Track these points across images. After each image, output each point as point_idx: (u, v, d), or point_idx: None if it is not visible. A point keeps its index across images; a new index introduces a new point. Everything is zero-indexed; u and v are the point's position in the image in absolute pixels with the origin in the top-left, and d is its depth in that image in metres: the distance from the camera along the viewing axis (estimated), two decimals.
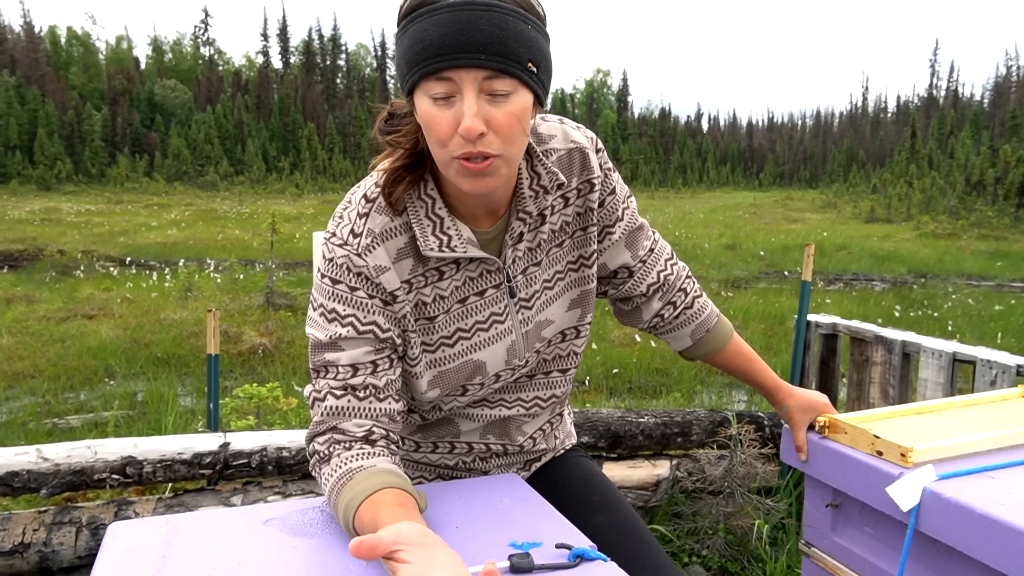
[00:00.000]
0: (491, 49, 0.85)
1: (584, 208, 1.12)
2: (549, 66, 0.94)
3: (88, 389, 5.73)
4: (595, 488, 1.25)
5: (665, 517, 2.74)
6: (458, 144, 0.89)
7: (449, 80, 0.86)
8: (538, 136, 1.08)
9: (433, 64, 0.86)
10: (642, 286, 1.22)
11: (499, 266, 1.06)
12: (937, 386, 2.45)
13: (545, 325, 1.13)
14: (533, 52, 0.89)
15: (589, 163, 1.10)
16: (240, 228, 19.87)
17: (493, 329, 1.09)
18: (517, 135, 0.91)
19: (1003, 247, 18.04)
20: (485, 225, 1.05)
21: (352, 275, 0.99)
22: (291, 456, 2.43)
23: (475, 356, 1.08)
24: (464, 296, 1.06)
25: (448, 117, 0.88)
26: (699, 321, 1.26)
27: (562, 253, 1.13)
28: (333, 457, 0.98)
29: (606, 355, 6.69)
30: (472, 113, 0.86)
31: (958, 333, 7.61)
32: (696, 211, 31.03)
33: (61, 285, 10.57)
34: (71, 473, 2.25)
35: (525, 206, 1.04)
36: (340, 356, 1.00)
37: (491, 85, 0.87)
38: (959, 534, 0.99)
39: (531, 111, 0.93)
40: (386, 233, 1.00)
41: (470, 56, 0.85)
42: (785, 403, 1.28)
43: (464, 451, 1.20)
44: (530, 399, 1.19)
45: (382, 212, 1.00)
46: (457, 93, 0.87)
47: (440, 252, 1.00)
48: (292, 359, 6.52)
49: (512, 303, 1.09)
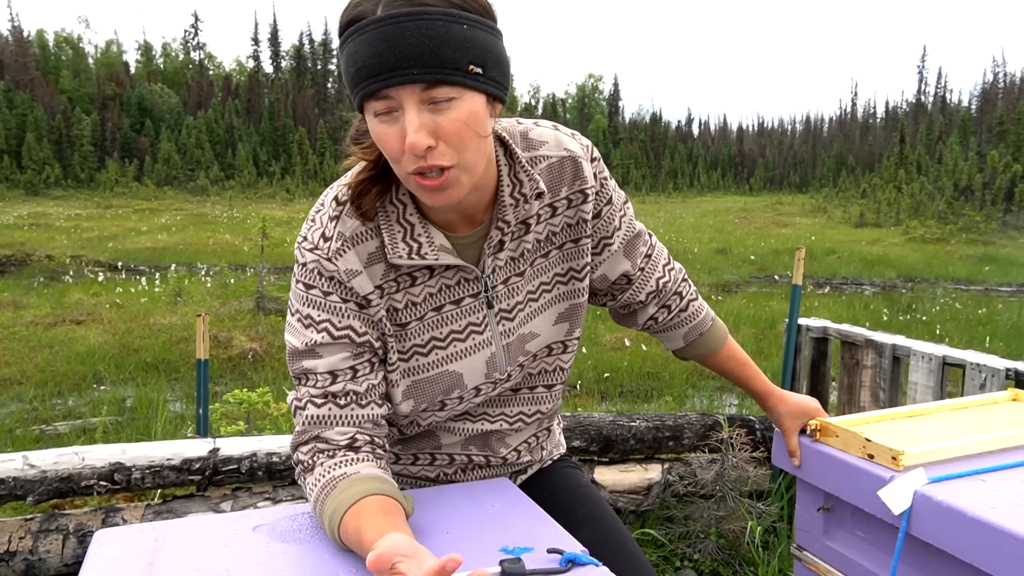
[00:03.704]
0: (422, 61, 0.82)
1: (576, 219, 1.08)
2: (499, 61, 0.89)
3: (76, 395, 5.68)
4: (582, 501, 1.22)
5: (657, 521, 2.74)
6: (409, 160, 0.87)
7: (388, 98, 0.84)
8: (528, 142, 1.04)
9: (368, 86, 0.84)
10: (640, 295, 1.21)
11: (477, 275, 1.03)
12: (927, 389, 2.45)
13: (530, 338, 1.10)
14: (472, 53, 0.85)
15: (582, 172, 1.06)
16: (231, 233, 19.78)
17: (471, 340, 1.05)
18: (469, 141, 0.88)
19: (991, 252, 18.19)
20: (462, 230, 1.02)
21: (324, 279, 0.98)
22: (281, 462, 2.41)
23: (451, 367, 1.05)
24: (439, 304, 1.03)
25: (395, 133, 0.86)
26: (693, 324, 1.25)
27: (548, 264, 1.09)
28: (317, 466, 0.96)
29: (597, 359, 6.69)
30: (414, 128, 0.84)
31: (947, 337, 7.65)
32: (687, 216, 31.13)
33: (49, 290, 10.50)
34: (58, 480, 2.23)
35: (504, 215, 1.00)
36: (318, 363, 0.99)
37: (431, 95, 0.84)
38: (950, 537, 0.99)
39: (486, 111, 0.90)
40: (357, 237, 0.98)
41: (402, 73, 0.82)
42: (776, 408, 1.28)
43: (445, 463, 1.17)
44: (514, 414, 1.16)
45: (352, 216, 0.98)
46: (399, 108, 0.85)
47: (409, 259, 0.98)
48: (282, 364, 6.49)
49: (492, 313, 1.05)
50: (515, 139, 1.04)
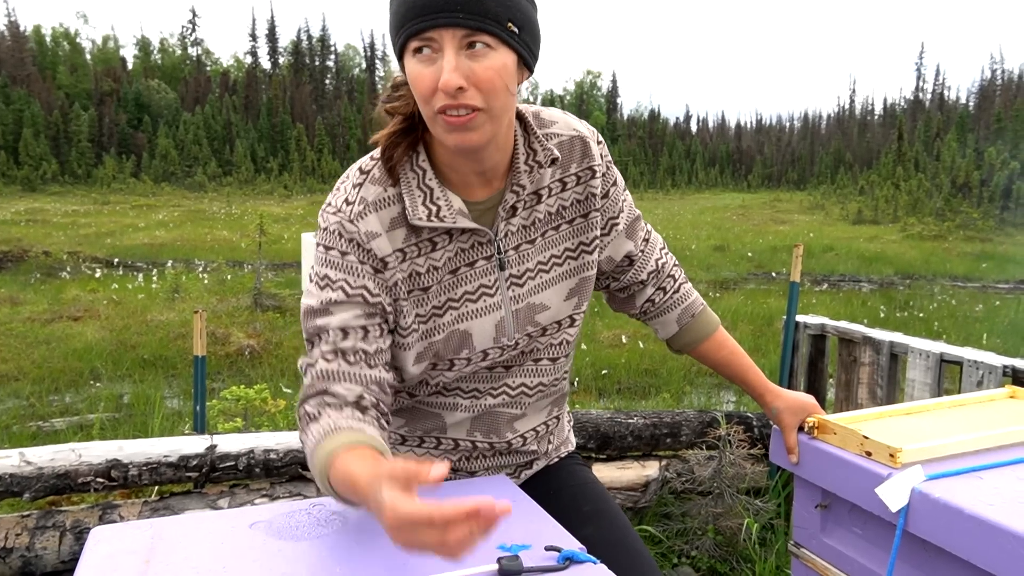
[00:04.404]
0: (469, 8, 0.89)
1: (585, 195, 1.13)
2: (534, 31, 0.98)
3: (73, 391, 5.68)
4: (587, 498, 1.23)
5: (654, 518, 2.74)
6: (440, 98, 0.92)
7: (431, 39, 0.91)
8: (540, 120, 1.11)
9: (415, 25, 0.90)
10: (642, 274, 1.25)
11: (490, 238, 1.07)
12: (924, 386, 2.46)
13: (540, 309, 1.13)
14: (513, 12, 0.92)
15: (590, 151, 1.13)
16: (228, 229, 19.76)
17: (482, 301, 1.09)
18: (499, 90, 0.94)
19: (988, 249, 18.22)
20: (479, 195, 1.07)
21: (344, 241, 1.02)
22: (278, 458, 2.41)
23: (462, 326, 1.08)
24: (455, 267, 1.07)
25: (431, 73, 0.92)
26: (685, 305, 1.29)
27: (559, 238, 1.13)
28: (323, 416, 0.96)
29: (595, 356, 6.70)
30: (451, 67, 0.90)
31: (944, 334, 7.67)
32: (685, 212, 31.15)
33: (46, 287, 10.49)
34: (55, 476, 2.22)
35: (519, 179, 1.06)
36: (331, 320, 1.01)
37: (470, 41, 0.91)
38: (947, 534, 0.99)
39: (516, 72, 0.96)
40: (379, 202, 1.03)
41: (448, 15, 0.89)
42: (774, 405, 1.28)
43: (450, 447, 1.18)
44: (516, 385, 1.17)
45: (376, 183, 1.03)
46: (439, 51, 0.91)
47: (428, 222, 1.02)
48: (280, 360, 6.49)
49: (503, 277, 1.09)
50: (529, 116, 1.10)
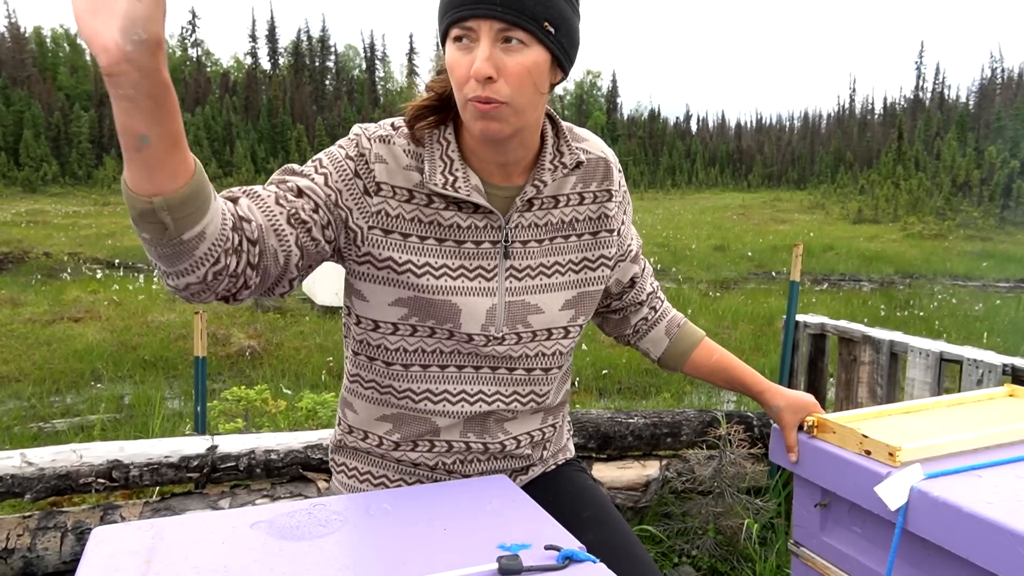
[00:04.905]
0: (508, 3, 0.94)
1: (598, 214, 1.17)
2: (571, 34, 1.01)
3: (74, 392, 5.68)
4: (587, 503, 1.22)
5: (655, 518, 2.74)
6: (472, 87, 0.97)
7: (470, 29, 0.96)
8: (573, 133, 1.16)
9: (457, 12, 0.96)
10: (642, 295, 1.31)
11: (501, 224, 1.09)
12: (924, 385, 2.46)
13: (534, 311, 1.13)
14: (551, 13, 0.96)
15: (612, 175, 1.18)
16: None
17: (478, 281, 1.10)
18: (527, 86, 0.98)
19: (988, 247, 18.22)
20: (497, 181, 1.10)
21: (354, 148, 1.06)
22: (279, 459, 2.41)
23: (453, 299, 1.09)
24: (461, 239, 1.09)
25: (466, 61, 0.97)
26: (670, 318, 1.35)
27: (567, 248, 1.16)
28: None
29: (596, 356, 6.71)
30: (484, 57, 0.95)
31: (944, 333, 7.67)
32: (685, 212, 31.16)
33: (47, 288, 10.49)
34: (56, 477, 2.22)
35: (542, 175, 1.09)
36: (297, 180, 1.02)
37: (505, 34, 0.95)
38: (947, 533, 0.99)
39: (548, 72, 1.01)
40: (404, 150, 1.07)
41: (488, 7, 0.94)
42: (773, 403, 1.29)
43: (444, 450, 1.18)
44: (509, 393, 1.17)
45: (404, 137, 1.08)
46: (476, 40, 0.96)
47: (443, 190, 1.05)
48: (281, 361, 6.49)
49: (504, 265, 1.11)
50: (563, 124, 1.15)
